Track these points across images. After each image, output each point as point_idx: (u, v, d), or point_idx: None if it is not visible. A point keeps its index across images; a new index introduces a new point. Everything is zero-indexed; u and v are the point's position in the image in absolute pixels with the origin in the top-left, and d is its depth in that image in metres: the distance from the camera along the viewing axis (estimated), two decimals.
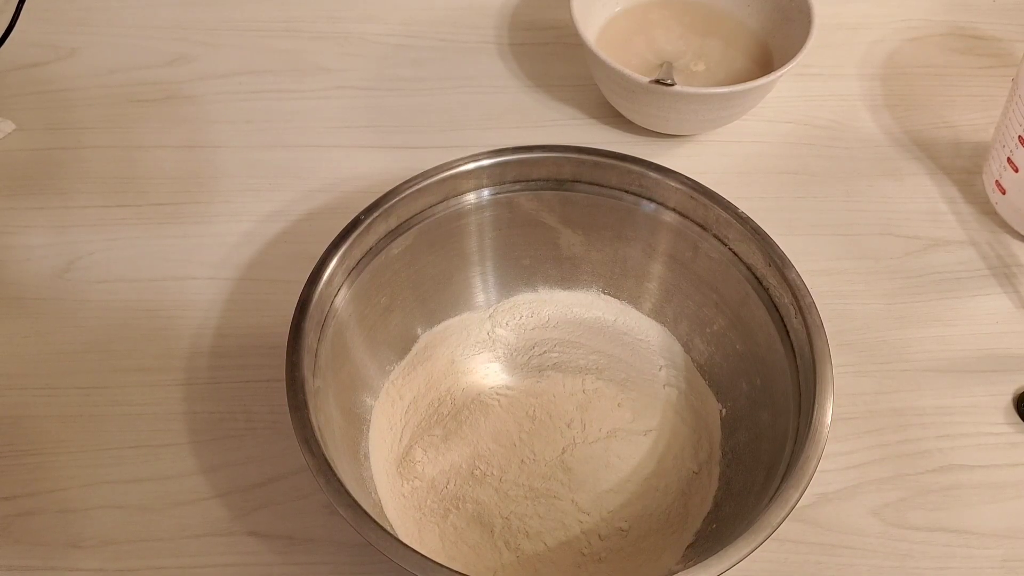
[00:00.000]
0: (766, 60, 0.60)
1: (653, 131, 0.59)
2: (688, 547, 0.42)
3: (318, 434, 0.37)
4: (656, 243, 0.48)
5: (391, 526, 0.41)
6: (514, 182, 0.47)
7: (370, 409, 0.46)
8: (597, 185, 0.47)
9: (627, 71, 0.53)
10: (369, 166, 0.58)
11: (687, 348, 0.49)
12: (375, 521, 0.35)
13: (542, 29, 0.67)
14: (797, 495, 0.36)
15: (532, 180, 0.47)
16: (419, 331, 0.49)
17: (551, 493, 0.43)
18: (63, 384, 0.48)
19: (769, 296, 0.43)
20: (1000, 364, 0.50)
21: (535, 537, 0.42)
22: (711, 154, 0.59)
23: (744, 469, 0.43)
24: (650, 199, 0.46)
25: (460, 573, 0.33)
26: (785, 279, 0.42)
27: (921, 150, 0.60)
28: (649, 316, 0.50)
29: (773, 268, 0.43)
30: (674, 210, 0.46)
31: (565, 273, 0.50)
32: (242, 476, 0.45)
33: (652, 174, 0.45)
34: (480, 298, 0.50)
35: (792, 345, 0.42)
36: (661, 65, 0.59)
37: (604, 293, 0.50)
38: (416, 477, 0.44)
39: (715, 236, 0.45)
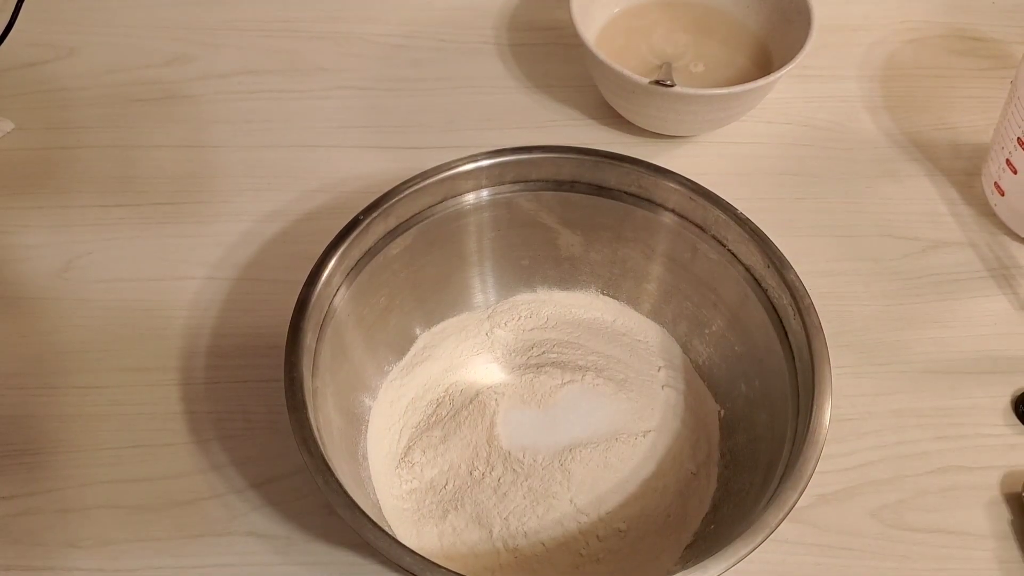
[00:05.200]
0: (765, 61, 0.60)
1: (652, 132, 0.59)
2: (686, 548, 0.42)
3: (316, 434, 0.37)
4: (655, 244, 0.48)
5: (389, 526, 0.41)
6: (513, 183, 0.47)
7: (369, 409, 0.46)
8: (596, 186, 0.47)
9: (626, 72, 0.53)
10: (368, 166, 0.58)
11: (686, 349, 0.49)
12: (373, 522, 0.35)
13: (542, 29, 0.67)
14: (795, 496, 0.36)
15: (531, 181, 0.47)
16: (418, 331, 0.49)
17: (549, 494, 0.43)
18: (61, 384, 0.48)
19: (768, 297, 0.43)
20: (998, 366, 0.50)
21: (533, 538, 0.42)
22: (710, 155, 0.59)
23: (743, 470, 0.43)
24: (649, 200, 0.46)
25: (458, 573, 0.33)
26: (784, 280, 0.42)
27: (920, 152, 0.60)
28: (648, 317, 0.50)
29: (772, 269, 0.43)
30: (673, 211, 0.46)
31: (564, 274, 0.50)
32: (240, 476, 0.45)
33: (651, 175, 0.45)
34: (479, 298, 0.50)
35: (791, 346, 0.42)
36: (660, 66, 0.59)
37: (603, 294, 0.50)
38: (415, 478, 0.44)
39: (714, 237, 0.45)
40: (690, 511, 0.43)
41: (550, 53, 0.65)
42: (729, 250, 0.45)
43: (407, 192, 0.44)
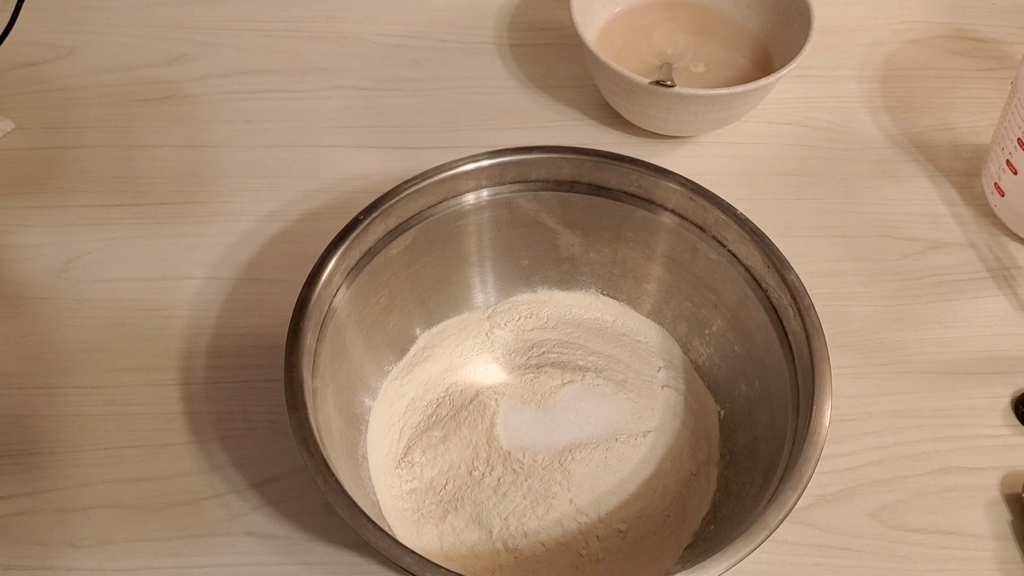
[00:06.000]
0: (766, 61, 0.60)
1: (652, 132, 0.59)
2: (686, 548, 0.42)
3: (316, 434, 0.37)
4: (655, 244, 0.47)
5: (389, 527, 0.41)
6: (513, 183, 0.47)
7: (369, 409, 0.46)
8: (596, 186, 0.47)
9: (626, 72, 0.53)
10: (368, 166, 0.58)
11: (686, 349, 0.49)
12: (373, 522, 0.35)
13: (542, 29, 0.67)
14: (795, 497, 0.36)
15: (531, 181, 0.47)
16: (418, 331, 0.49)
17: (549, 494, 0.43)
18: (61, 383, 0.48)
19: (768, 298, 0.43)
20: (998, 366, 0.50)
21: (533, 538, 0.42)
22: (710, 155, 0.59)
23: (742, 471, 0.43)
24: (649, 200, 0.46)
25: (458, 573, 0.33)
26: (784, 281, 0.42)
27: (920, 152, 0.60)
28: (648, 317, 0.50)
29: (772, 270, 0.43)
30: (673, 211, 0.46)
31: (564, 274, 0.50)
32: (240, 476, 0.45)
33: (651, 175, 0.45)
34: (479, 298, 0.50)
35: (791, 347, 0.42)
36: (661, 66, 0.59)
37: (603, 294, 0.50)
38: (415, 478, 0.44)
39: (714, 237, 0.45)
40: (690, 511, 0.43)
41: (550, 53, 0.65)
42: (729, 250, 0.45)
43: (407, 192, 0.44)
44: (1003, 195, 0.54)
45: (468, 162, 0.45)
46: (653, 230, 0.47)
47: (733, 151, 0.60)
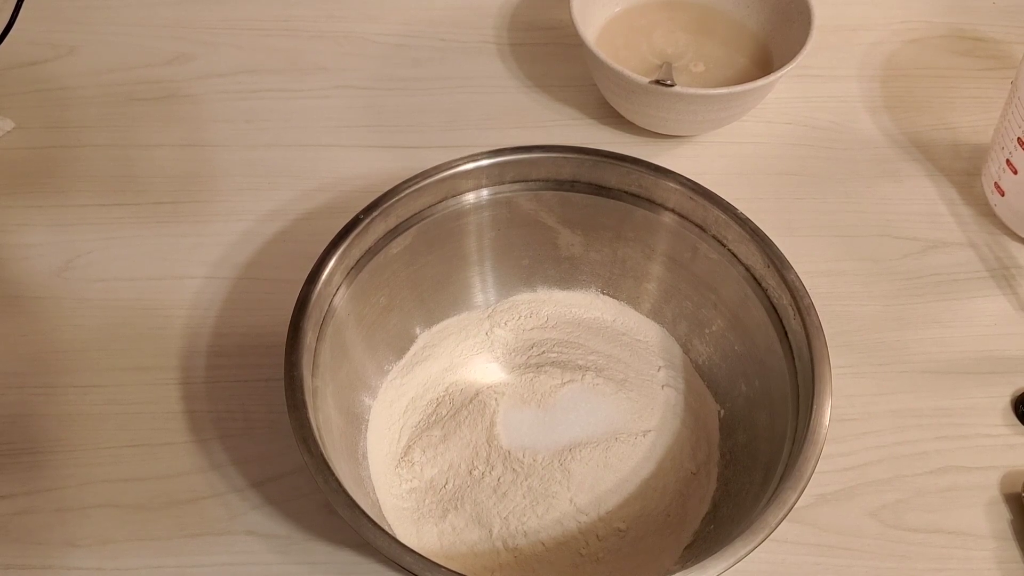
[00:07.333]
0: (766, 61, 0.60)
1: (652, 132, 0.59)
2: (686, 548, 0.42)
3: (316, 434, 0.37)
4: (655, 244, 0.48)
5: (389, 526, 0.41)
6: (513, 182, 0.47)
7: (368, 409, 0.46)
8: (596, 185, 0.47)
9: (626, 72, 0.53)
10: (368, 166, 0.58)
11: (686, 349, 0.49)
12: (373, 521, 0.35)
13: (542, 29, 0.67)
14: (795, 496, 0.36)
15: (531, 180, 0.47)
16: (418, 331, 0.49)
17: (549, 493, 0.43)
18: (61, 383, 0.48)
19: (768, 297, 0.43)
20: (998, 366, 0.50)
21: (533, 537, 0.42)
22: (710, 155, 0.59)
23: (742, 470, 0.43)
24: (649, 200, 0.46)
25: (458, 573, 0.33)
26: (784, 280, 0.42)
27: (920, 152, 0.60)
28: (648, 316, 0.50)
29: (772, 269, 0.43)
30: (673, 211, 0.46)
31: (564, 273, 0.50)
32: (240, 475, 0.45)
33: (651, 175, 0.45)
34: (479, 298, 0.50)
35: (791, 346, 0.42)
36: (661, 66, 0.59)
37: (603, 293, 0.50)
38: (415, 477, 0.44)
39: (714, 237, 0.45)
40: (690, 511, 0.43)
41: (550, 53, 0.65)
42: (729, 250, 0.45)
43: (407, 192, 0.44)
44: (1003, 195, 0.54)
45: (468, 161, 0.45)
46: (653, 230, 0.47)
47: (733, 151, 0.60)
